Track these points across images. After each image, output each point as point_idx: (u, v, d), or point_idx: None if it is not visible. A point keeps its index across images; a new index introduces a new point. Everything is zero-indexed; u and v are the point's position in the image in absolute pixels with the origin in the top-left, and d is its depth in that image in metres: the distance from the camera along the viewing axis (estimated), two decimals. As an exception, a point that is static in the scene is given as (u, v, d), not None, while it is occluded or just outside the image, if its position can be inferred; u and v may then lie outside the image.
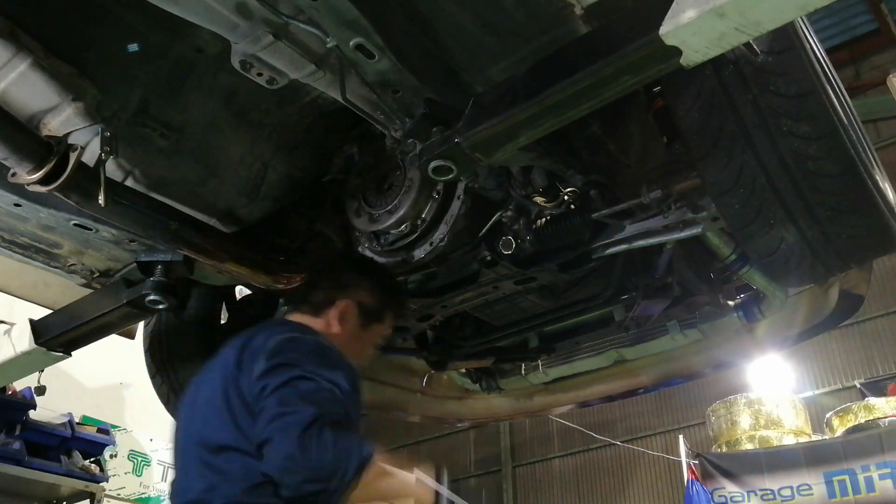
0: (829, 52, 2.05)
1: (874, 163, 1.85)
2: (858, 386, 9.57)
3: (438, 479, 1.77)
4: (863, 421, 7.28)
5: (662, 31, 1.14)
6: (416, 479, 1.55)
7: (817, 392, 10.37)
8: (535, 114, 1.37)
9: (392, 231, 1.95)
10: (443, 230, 1.89)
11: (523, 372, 2.91)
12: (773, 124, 1.51)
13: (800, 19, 1.61)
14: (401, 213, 1.89)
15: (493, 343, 2.54)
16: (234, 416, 1.48)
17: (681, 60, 1.19)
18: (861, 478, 6.65)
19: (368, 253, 2.04)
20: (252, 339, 1.58)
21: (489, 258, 1.93)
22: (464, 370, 2.99)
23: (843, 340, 10.24)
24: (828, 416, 7.94)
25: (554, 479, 12.63)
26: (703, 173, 1.64)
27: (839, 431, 7.47)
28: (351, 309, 1.73)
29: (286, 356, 1.49)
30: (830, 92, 1.59)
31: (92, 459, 4.55)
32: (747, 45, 1.46)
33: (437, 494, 1.76)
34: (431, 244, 1.91)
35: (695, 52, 1.17)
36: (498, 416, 3.31)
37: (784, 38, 1.51)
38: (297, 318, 1.73)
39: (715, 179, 1.60)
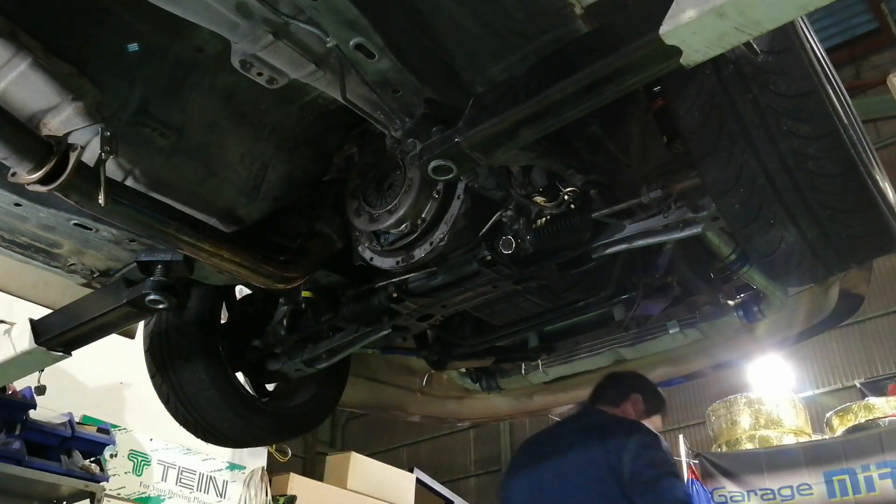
0: (829, 51, 2.05)
1: (874, 162, 1.85)
2: (858, 386, 9.58)
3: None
4: (863, 421, 7.29)
5: (662, 30, 1.14)
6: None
7: (817, 392, 10.38)
8: (535, 113, 1.37)
9: (392, 231, 1.95)
10: (443, 230, 1.89)
11: (523, 371, 2.92)
12: (773, 124, 1.51)
13: (800, 19, 1.61)
14: (401, 212, 1.89)
15: (492, 342, 2.53)
16: (614, 491, 2.06)
17: (681, 60, 1.19)
18: (861, 477, 6.66)
19: (368, 253, 2.04)
20: (604, 430, 2.19)
21: (489, 258, 1.93)
22: (464, 370, 3.00)
23: (844, 340, 10.25)
24: (828, 415, 7.95)
25: (554, 479, 12.60)
26: (703, 173, 1.63)
27: (839, 431, 7.48)
28: (639, 400, 2.40)
29: (647, 451, 2.11)
30: (830, 91, 1.59)
31: (92, 459, 4.54)
32: (747, 44, 1.46)
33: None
34: (431, 244, 1.91)
35: (695, 51, 1.17)
36: (498, 416, 3.31)
37: (784, 38, 1.51)
38: (605, 408, 2.38)
39: (715, 179, 1.60)
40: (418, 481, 8.10)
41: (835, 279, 2.27)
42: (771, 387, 9.10)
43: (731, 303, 2.32)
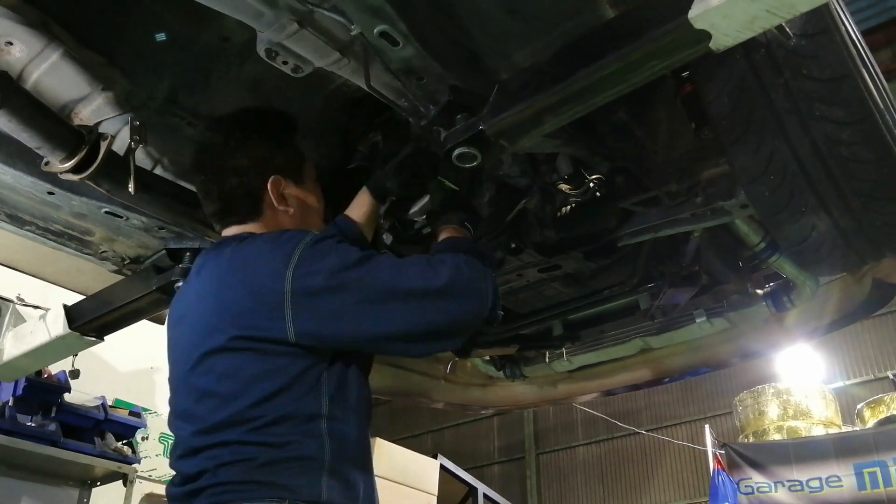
0: (864, 34, 1.99)
1: (911, 148, 1.80)
2: (891, 377, 9.38)
3: None
4: (895, 412, 7.15)
5: (691, 14, 1.12)
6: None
7: (848, 382, 10.20)
8: (560, 100, 1.36)
9: (416, 219, 1.95)
10: (467, 218, 1.88)
11: (547, 360, 2.91)
12: (806, 109, 1.47)
13: (834, 0, 1.57)
14: (425, 200, 1.89)
15: (517, 331, 2.53)
16: None
17: (710, 44, 1.17)
18: (893, 470, 6.54)
19: (392, 241, 2.04)
20: None
21: (514, 246, 1.92)
22: (488, 357, 3.00)
23: (876, 330, 10.04)
24: (859, 406, 7.81)
25: (578, 467, 12.63)
26: (733, 160, 1.61)
27: (870, 423, 7.36)
28: None
29: None
30: (866, 75, 1.55)
31: (124, 441, 4.64)
32: (780, 27, 1.42)
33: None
34: (456, 232, 1.90)
35: (725, 35, 1.15)
36: (522, 404, 3.32)
37: (818, 20, 1.47)
38: None
39: (744, 166, 1.58)
40: (442, 468, 8.15)
41: (867, 268, 2.22)
42: (800, 377, 8.97)
43: (759, 292, 2.29)
